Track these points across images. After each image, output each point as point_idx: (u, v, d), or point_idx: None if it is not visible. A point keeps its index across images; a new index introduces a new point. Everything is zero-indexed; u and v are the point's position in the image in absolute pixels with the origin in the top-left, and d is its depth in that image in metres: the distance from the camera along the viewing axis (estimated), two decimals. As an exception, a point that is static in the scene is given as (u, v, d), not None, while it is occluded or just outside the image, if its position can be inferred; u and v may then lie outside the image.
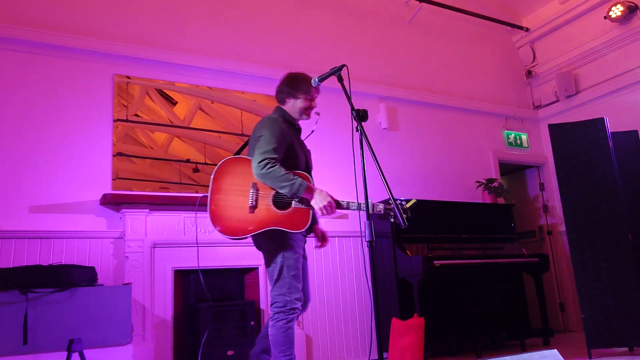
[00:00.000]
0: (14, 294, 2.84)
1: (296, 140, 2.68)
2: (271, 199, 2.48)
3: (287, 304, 2.44)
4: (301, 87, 2.72)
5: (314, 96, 2.77)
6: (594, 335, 3.60)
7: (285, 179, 2.42)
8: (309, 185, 2.46)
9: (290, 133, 2.64)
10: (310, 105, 2.76)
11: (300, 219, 2.47)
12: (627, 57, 5.44)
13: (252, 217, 2.46)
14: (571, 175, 3.82)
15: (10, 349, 2.76)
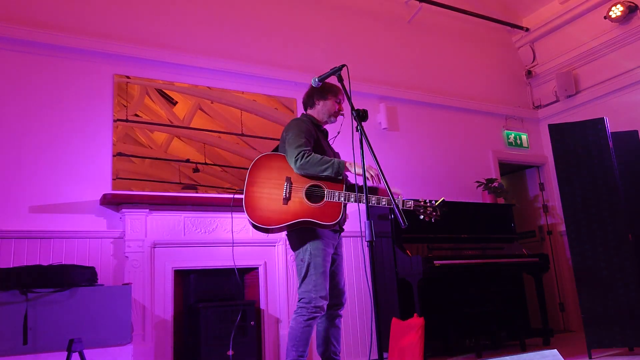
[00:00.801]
0: (14, 294, 2.84)
1: (323, 140, 2.81)
2: (304, 192, 2.56)
3: (312, 302, 2.49)
4: (331, 89, 2.83)
5: (341, 99, 2.87)
6: (594, 335, 3.60)
7: (324, 161, 2.54)
8: (346, 163, 2.56)
9: (316, 132, 2.76)
10: (339, 108, 2.85)
11: (332, 211, 2.52)
12: (627, 57, 5.44)
13: (285, 209, 2.54)
14: (571, 175, 3.82)
15: (10, 349, 2.76)
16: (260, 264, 4.10)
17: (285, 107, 4.66)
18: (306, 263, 2.56)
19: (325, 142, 2.85)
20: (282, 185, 2.58)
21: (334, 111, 2.83)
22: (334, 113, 2.84)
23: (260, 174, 2.65)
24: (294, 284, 4.15)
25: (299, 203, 2.55)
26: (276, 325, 4.06)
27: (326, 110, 2.83)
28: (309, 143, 2.62)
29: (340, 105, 2.87)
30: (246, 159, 4.37)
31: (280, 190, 2.58)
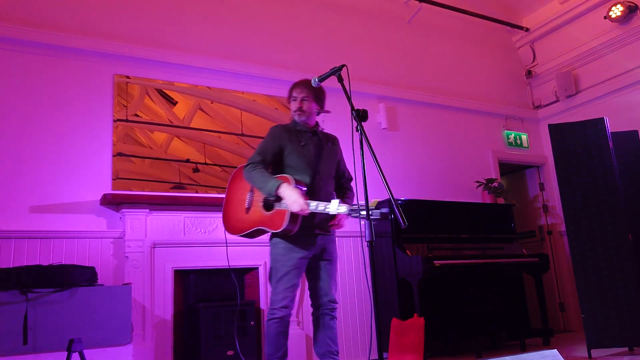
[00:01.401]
0: (14, 294, 2.84)
1: (297, 142, 2.73)
2: (262, 201, 2.63)
3: (272, 305, 2.57)
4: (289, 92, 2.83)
5: (294, 95, 2.79)
6: (594, 335, 3.60)
7: (261, 180, 2.58)
8: (279, 186, 2.52)
9: (287, 136, 2.72)
10: (294, 105, 2.77)
11: (278, 219, 2.54)
12: (627, 57, 5.44)
13: (246, 217, 2.67)
14: (571, 175, 3.82)
15: (10, 349, 2.76)
16: (260, 264, 4.10)
17: (285, 107, 4.65)
18: (270, 268, 2.66)
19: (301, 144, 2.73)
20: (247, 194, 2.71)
21: (293, 110, 2.78)
22: (294, 111, 2.78)
23: (236, 183, 2.77)
24: (294, 284, 4.15)
25: (256, 212, 2.64)
26: (276, 325, 4.05)
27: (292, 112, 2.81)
28: (265, 155, 2.68)
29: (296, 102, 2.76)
30: (246, 159, 4.35)
31: (244, 200, 2.71)
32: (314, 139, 2.80)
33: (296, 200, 2.47)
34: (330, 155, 2.82)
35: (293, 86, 2.80)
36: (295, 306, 4.12)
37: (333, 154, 2.85)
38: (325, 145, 2.82)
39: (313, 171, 2.69)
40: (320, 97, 2.81)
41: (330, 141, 2.88)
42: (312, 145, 2.75)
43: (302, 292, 4.21)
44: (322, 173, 2.74)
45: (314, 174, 2.69)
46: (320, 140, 2.82)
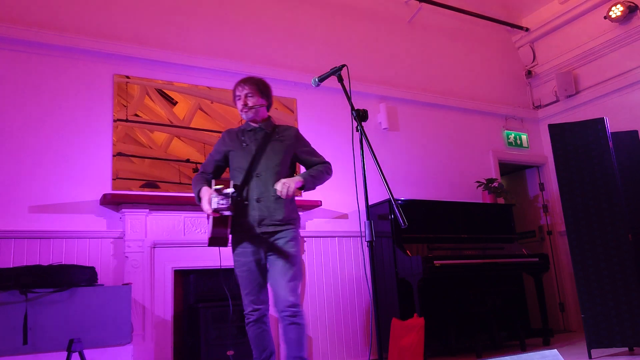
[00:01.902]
0: (14, 294, 2.84)
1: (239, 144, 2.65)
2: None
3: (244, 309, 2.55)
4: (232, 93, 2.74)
5: (237, 94, 2.69)
6: (594, 335, 3.60)
7: (194, 189, 2.59)
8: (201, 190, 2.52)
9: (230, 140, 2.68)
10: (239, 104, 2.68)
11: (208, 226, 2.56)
12: (627, 57, 5.44)
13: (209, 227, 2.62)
14: (571, 175, 3.82)
15: (10, 349, 2.76)
16: (260, 264, 4.10)
17: (285, 107, 4.66)
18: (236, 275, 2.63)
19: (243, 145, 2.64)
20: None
21: (239, 109, 2.68)
22: (240, 110, 2.67)
23: None
24: (294, 284, 4.15)
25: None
26: (276, 325, 4.05)
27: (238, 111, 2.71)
28: (206, 165, 2.70)
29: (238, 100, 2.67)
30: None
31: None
32: (259, 135, 2.64)
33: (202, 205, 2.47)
34: (276, 150, 2.61)
35: (235, 86, 2.71)
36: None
37: (280, 148, 2.63)
38: (271, 140, 2.64)
39: (248, 171, 2.57)
40: (265, 90, 2.71)
41: (280, 135, 2.68)
42: (254, 144, 2.62)
43: (302, 292, 4.21)
44: (263, 171, 2.57)
45: (248, 173, 2.56)
46: (267, 136, 2.65)
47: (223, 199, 2.34)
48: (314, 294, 4.31)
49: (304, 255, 4.34)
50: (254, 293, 2.52)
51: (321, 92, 4.66)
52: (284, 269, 2.50)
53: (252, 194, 2.54)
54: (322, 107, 4.82)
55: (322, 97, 4.80)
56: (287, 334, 2.47)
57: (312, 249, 4.40)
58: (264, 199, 2.53)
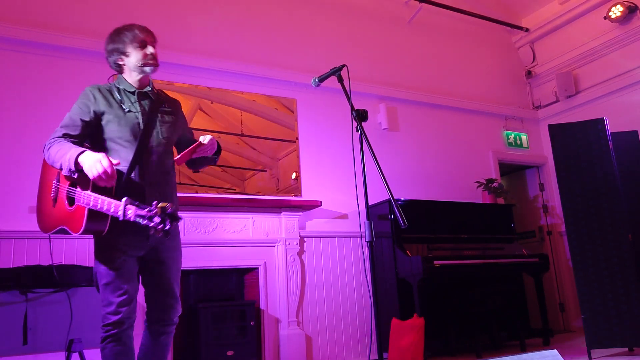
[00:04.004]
0: (14, 294, 2.84)
1: (118, 107, 2.09)
2: (65, 193, 2.01)
3: (103, 319, 1.98)
4: (124, 34, 2.13)
5: (144, 39, 2.13)
6: (594, 335, 3.60)
7: (58, 156, 1.90)
8: (82, 152, 1.85)
9: (104, 100, 2.09)
10: (148, 52, 2.13)
11: (78, 217, 1.91)
12: (627, 57, 5.44)
13: (52, 212, 2.06)
14: (571, 175, 3.82)
15: (10, 349, 2.76)
16: (260, 264, 4.10)
17: (285, 107, 4.66)
18: (94, 274, 2.05)
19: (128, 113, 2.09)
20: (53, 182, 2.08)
21: (144, 59, 2.12)
22: (144, 63, 2.12)
23: (46, 168, 2.16)
24: (294, 284, 4.16)
25: (62, 205, 2.01)
26: (276, 325, 4.06)
27: (134, 64, 2.13)
28: (73, 127, 2.02)
29: (145, 48, 2.13)
30: (246, 159, 4.38)
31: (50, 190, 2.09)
32: (145, 102, 2.15)
33: (99, 160, 1.79)
34: (169, 123, 2.21)
35: (135, 27, 2.14)
36: (288, 307, 4.13)
37: (173, 121, 2.25)
38: (159, 109, 2.18)
39: (141, 144, 2.04)
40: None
41: (168, 104, 2.25)
42: (140, 111, 2.11)
43: (302, 292, 4.22)
44: (155, 146, 2.10)
45: (141, 147, 2.04)
46: (154, 104, 2.17)
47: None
48: (314, 294, 4.31)
49: (304, 255, 4.34)
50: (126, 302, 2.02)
51: (321, 92, 4.66)
52: (171, 275, 2.13)
53: (144, 174, 2.05)
54: (322, 107, 4.82)
55: (322, 97, 4.80)
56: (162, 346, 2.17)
57: (312, 249, 4.40)
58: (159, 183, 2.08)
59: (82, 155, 1.85)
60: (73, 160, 1.84)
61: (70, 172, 1.88)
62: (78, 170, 1.86)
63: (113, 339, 1.99)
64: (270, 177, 4.45)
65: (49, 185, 2.11)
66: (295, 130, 4.64)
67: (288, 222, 4.24)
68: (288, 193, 4.44)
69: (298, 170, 4.55)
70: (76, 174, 1.88)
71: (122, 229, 1.92)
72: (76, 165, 1.85)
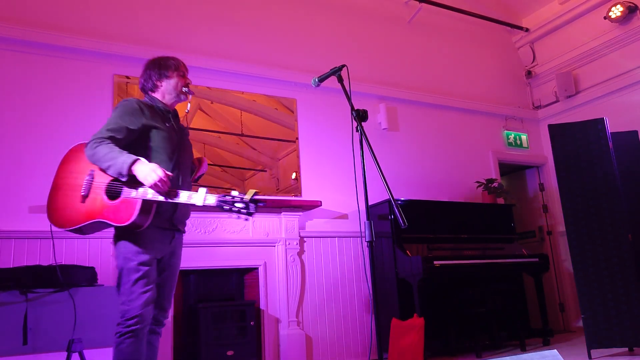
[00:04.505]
0: (14, 294, 2.84)
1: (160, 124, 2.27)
2: (104, 188, 2.14)
3: (124, 314, 2.04)
4: (169, 64, 2.41)
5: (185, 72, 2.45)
6: (594, 335, 3.60)
7: (109, 157, 2.05)
8: (135, 160, 2.04)
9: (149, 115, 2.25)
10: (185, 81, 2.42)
11: (127, 210, 2.05)
12: (627, 57, 5.44)
13: (81, 208, 2.16)
14: (571, 175, 3.82)
15: (10, 349, 2.76)
16: (260, 264, 4.10)
17: (285, 107, 4.66)
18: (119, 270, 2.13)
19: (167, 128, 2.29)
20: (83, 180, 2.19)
21: (181, 87, 2.38)
22: (182, 89, 2.40)
23: (69, 166, 2.26)
24: (294, 284, 4.16)
25: (96, 201, 2.13)
26: (276, 325, 4.06)
27: (172, 89, 2.37)
28: (116, 132, 2.14)
29: (185, 77, 2.42)
30: (246, 159, 4.38)
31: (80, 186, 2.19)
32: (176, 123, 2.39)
33: (154, 170, 2.01)
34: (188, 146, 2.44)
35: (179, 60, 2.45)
36: (288, 307, 4.13)
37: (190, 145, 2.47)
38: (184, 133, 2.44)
39: (175, 161, 2.27)
40: None
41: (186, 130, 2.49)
42: (173, 131, 2.33)
43: (302, 292, 4.22)
44: (182, 165, 2.33)
45: (176, 164, 2.27)
46: (180, 127, 2.42)
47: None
48: (314, 294, 4.31)
49: (304, 255, 4.34)
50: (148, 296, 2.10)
51: (321, 92, 4.66)
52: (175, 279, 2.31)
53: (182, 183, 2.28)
54: (322, 107, 4.82)
55: (322, 97, 4.80)
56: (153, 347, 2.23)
57: (312, 249, 4.40)
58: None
59: (138, 164, 2.05)
60: (127, 166, 2.03)
61: (120, 175, 2.05)
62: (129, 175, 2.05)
63: (133, 335, 2.04)
64: (270, 177, 4.45)
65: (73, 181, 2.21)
66: (295, 130, 4.64)
67: (288, 222, 4.24)
68: (288, 193, 4.44)
69: (298, 170, 4.55)
70: (125, 178, 2.06)
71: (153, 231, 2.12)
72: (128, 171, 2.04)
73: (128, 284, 2.07)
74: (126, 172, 2.04)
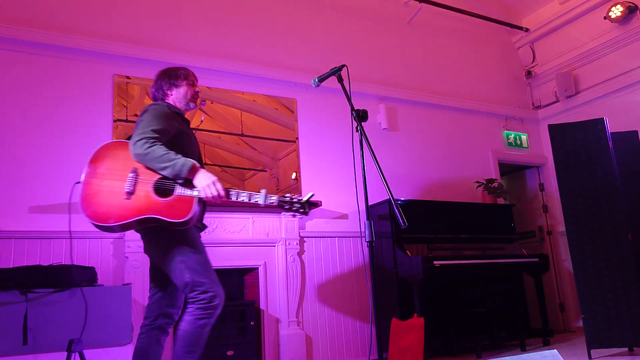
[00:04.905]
0: (14, 294, 2.84)
1: (187, 129, 2.46)
2: (152, 185, 2.20)
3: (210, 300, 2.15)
4: (179, 74, 2.56)
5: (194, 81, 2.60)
6: (594, 335, 3.60)
7: (166, 158, 2.16)
8: (193, 165, 2.18)
9: (178, 120, 2.41)
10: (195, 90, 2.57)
11: (182, 206, 2.16)
12: (627, 58, 5.44)
13: (127, 204, 2.18)
14: (571, 175, 3.82)
15: (10, 349, 2.76)
16: (260, 264, 4.10)
17: (285, 107, 4.66)
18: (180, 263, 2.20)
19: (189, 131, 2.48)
20: (127, 176, 2.22)
21: (190, 96, 2.53)
22: (192, 97, 2.54)
23: (103, 164, 2.28)
24: (294, 284, 4.16)
25: (145, 197, 2.18)
26: (276, 325, 4.06)
27: (182, 97, 2.51)
28: (161, 132, 2.24)
29: (194, 86, 2.58)
30: (246, 159, 4.38)
31: (123, 183, 2.21)
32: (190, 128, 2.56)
33: (214, 183, 2.16)
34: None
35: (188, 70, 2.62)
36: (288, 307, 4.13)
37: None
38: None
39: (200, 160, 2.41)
40: None
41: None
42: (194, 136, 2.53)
43: (302, 292, 4.22)
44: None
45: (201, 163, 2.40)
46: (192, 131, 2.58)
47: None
48: (314, 294, 4.31)
49: (304, 255, 4.34)
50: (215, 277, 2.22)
51: (321, 92, 4.66)
52: None
53: None
54: (322, 108, 4.83)
55: (322, 98, 4.80)
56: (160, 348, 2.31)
57: (312, 249, 4.40)
58: None
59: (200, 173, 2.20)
60: (187, 171, 2.16)
61: (177, 177, 2.17)
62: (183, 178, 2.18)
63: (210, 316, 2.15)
64: (270, 177, 4.45)
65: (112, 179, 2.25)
66: (295, 130, 4.64)
67: (288, 222, 4.24)
68: (288, 193, 4.44)
69: (298, 170, 4.55)
70: (182, 180, 2.18)
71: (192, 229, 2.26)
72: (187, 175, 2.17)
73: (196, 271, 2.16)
74: (185, 175, 2.16)
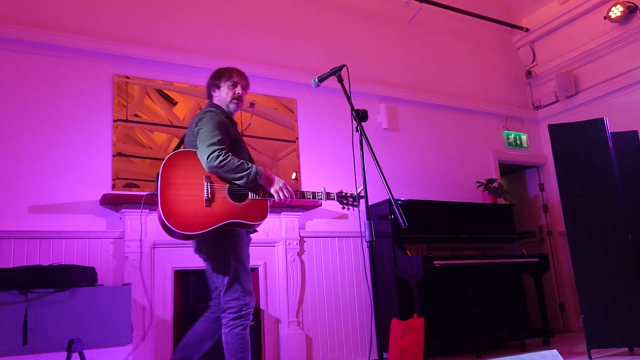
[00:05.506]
0: (14, 294, 2.84)
1: (237, 134, 2.58)
2: (227, 191, 2.38)
3: (242, 309, 2.37)
4: (222, 74, 2.60)
5: (236, 80, 2.60)
6: (594, 335, 3.60)
7: (240, 169, 2.35)
8: (264, 172, 2.42)
9: (230, 126, 2.53)
10: (235, 92, 2.59)
11: (260, 209, 2.41)
12: (627, 58, 5.44)
13: (209, 211, 2.32)
14: (571, 175, 3.82)
15: (10, 349, 2.76)
16: (260, 264, 4.10)
17: (285, 107, 4.66)
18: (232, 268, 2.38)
19: (240, 135, 2.62)
20: (201, 185, 2.35)
21: (230, 98, 2.58)
22: (231, 99, 2.58)
23: (175, 174, 2.37)
24: (294, 284, 4.16)
25: (224, 203, 2.35)
26: (276, 325, 4.06)
27: (222, 99, 2.59)
28: (225, 140, 2.39)
29: (235, 88, 2.59)
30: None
31: (199, 191, 2.34)
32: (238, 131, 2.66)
33: (286, 186, 2.43)
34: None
35: (234, 71, 2.61)
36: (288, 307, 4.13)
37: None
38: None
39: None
40: None
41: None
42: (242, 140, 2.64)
43: (302, 292, 4.22)
44: None
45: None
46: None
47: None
48: (314, 294, 4.31)
49: (304, 255, 4.34)
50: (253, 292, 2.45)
51: (321, 92, 4.66)
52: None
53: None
54: (322, 108, 4.83)
55: (322, 98, 4.80)
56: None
57: (312, 249, 4.40)
58: None
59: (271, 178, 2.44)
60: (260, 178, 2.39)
61: (254, 183, 2.38)
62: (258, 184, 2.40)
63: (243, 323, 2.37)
64: (270, 177, 4.44)
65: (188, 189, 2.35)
66: (295, 130, 4.64)
67: (288, 222, 4.24)
68: (288, 193, 4.44)
69: (298, 170, 4.55)
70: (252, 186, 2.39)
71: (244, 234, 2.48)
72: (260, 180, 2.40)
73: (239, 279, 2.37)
74: (259, 181, 2.38)
